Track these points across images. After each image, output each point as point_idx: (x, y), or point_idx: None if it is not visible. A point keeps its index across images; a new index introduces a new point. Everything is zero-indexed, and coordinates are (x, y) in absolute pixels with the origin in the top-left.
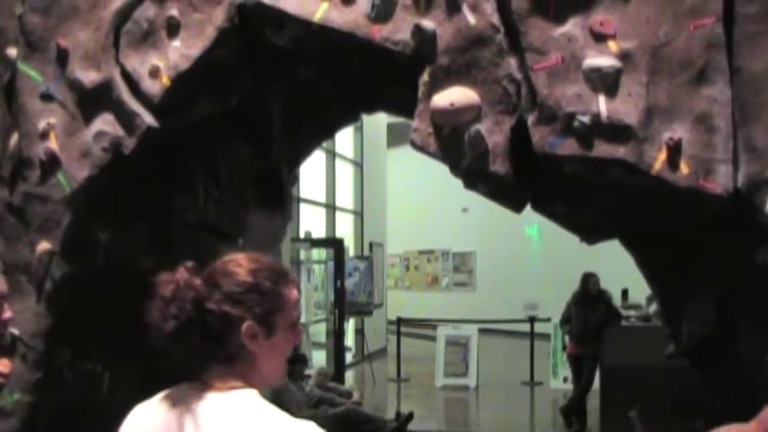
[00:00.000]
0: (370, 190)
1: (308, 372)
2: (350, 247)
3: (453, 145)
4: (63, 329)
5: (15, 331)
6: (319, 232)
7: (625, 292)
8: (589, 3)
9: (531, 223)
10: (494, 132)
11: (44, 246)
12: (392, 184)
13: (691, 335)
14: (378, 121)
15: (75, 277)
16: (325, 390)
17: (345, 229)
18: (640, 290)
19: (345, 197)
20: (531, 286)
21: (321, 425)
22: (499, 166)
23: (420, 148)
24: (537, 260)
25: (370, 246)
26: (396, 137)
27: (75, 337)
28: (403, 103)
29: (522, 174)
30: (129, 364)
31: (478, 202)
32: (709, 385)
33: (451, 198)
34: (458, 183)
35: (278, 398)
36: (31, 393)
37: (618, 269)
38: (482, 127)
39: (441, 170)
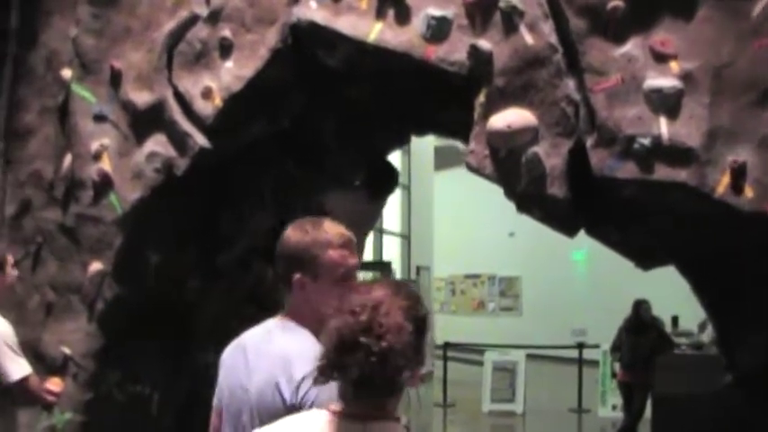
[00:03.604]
0: (417, 213)
1: None
2: (396, 271)
3: (510, 168)
4: (113, 350)
5: (67, 351)
6: (366, 255)
7: (675, 319)
8: (649, 22)
9: (579, 248)
10: (551, 155)
11: (96, 266)
12: (439, 207)
13: (748, 364)
14: (425, 144)
15: (126, 298)
16: None
17: (392, 252)
18: (691, 317)
19: (393, 220)
20: (577, 312)
21: None
22: (556, 190)
23: (476, 170)
24: (584, 286)
25: (417, 269)
26: (443, 160)
27: (125, 358)
28: (454, 126)
29: (577, 198)
30: (177, 386)
31: (525, 227)
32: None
33: (498, 222)
34: (505, 207)
35: None
36: (81, 413)
37: (668, 295)
38: (539, 149)
39: (488, 194)
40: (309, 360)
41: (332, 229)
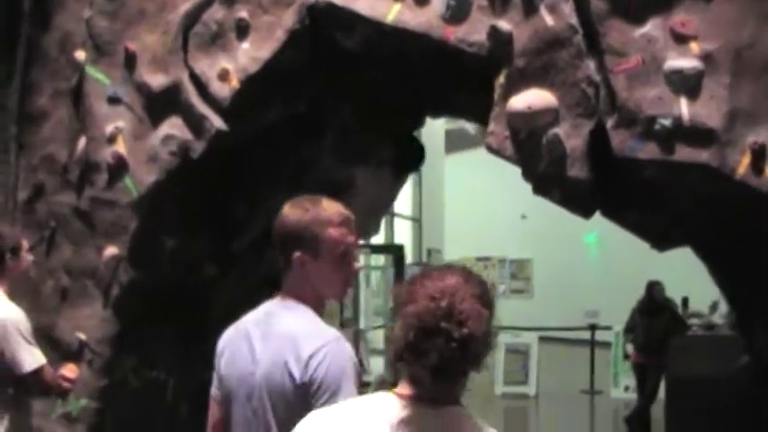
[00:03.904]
0: (428, 196)
1: (366, 379)
2: (407, 254)
3: (530, 149)
4: (129, 336)
5: (82, 336)
6: (377, 238)
7: (685, 301)
8: (669, 3)
9: (590, 231)
10: (572, 136)
11: (111, 251)
12: (450, 190)
13: (766, 347)
14: (436, 127)
15: (142, 283)
16: None
17: (404, 235)
18: (701, 298)
19: (404, 203)
20: (589, 294)
21: None
22: (577, 171)
23: (496, 151)
24: (595, 268)
25: (428, 252)
26: (453, 143)
27: (141, 343)
28: (471, 108)
29: (596, 179)
30: (192, 372)
31: (537, 210)
32: None
33: (510, 205)
34: (516, 189)
35: None
36: (97, 400)
37: (678, 277)
38: (560, 130)
39: (499, 177)
40: (315, 337)
41: (331, 207)
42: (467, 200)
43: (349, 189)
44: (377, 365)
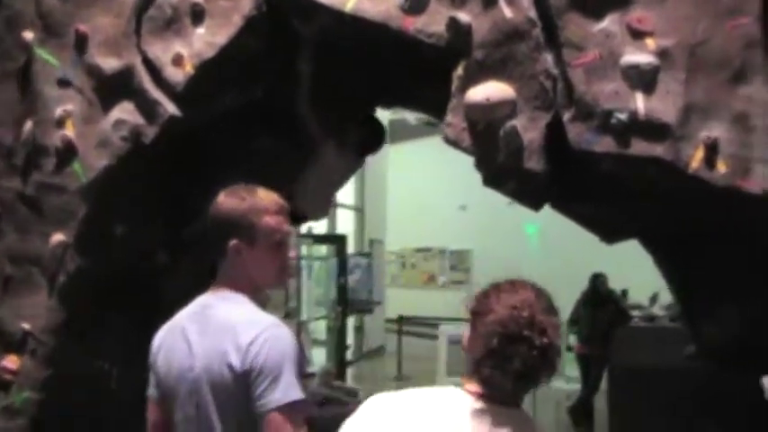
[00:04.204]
0: (370, 186)
1: (311, 370)
2: (350, 244)
3: (487, 141)
4: (75, 325)
5: (26, 326)
6: (320, 228)
7: (625, 292)
8: None
9: (531, 222)
10: (529, 129)
11: (58, 238)
12: (392, 180)
13: (714, 337)
14: (379, 117)
15: (89, 271)
16: (330, 389)
17: (346, 225)
18: (641, 290)
19: (346, 193)
20: None
21: (329, 425)
22: (534, 164)
23: (453, 143)
24: (536, 259)
25: (370, 242)
26: (396, 133)
27: (88, 333)
28: (427, 99)
29: (552, 172)
30: (141, 362)
31: (477, 200)
32: (735, 387)
33: (450, 196)
34: (457, 180)
35: None
36: (40, 391)
37: (618, 269)
38: (517, 123)
39: (440, 167)
40: (254, 324)
41: (268, 196)
42: (408, 190)
43: (301, 177)
44: (319, 356)
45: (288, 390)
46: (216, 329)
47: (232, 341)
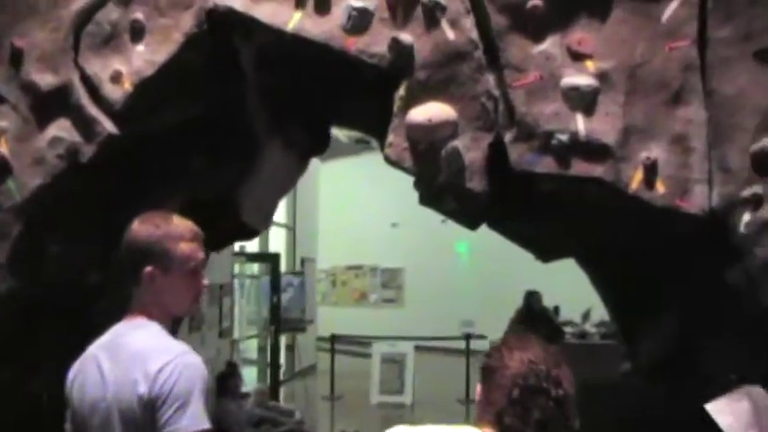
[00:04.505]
0: (302, 204)
1: (245, 390)
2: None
3: (429, 161)
4: (5, 347)
5: None
6: (252, 246)
7: (556, 309)
8: (567, 21)
9: (461, 240)
10: (471, 149)
11: None
12: (323, 198)
13: (651, 353)
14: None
15: (21, 292)
16: (265, 409)
17: (278, 243)
18: (572, 306)
19: (278, 211)
20: (462, 303)
21: None
22: (475, 184)
23: (395, 163)
24: (467, 277)
25: (302, 261)
26: (328, 150)
27: (18, 354)
28: (366, 118)
29: (492, 191)
30: None
31: (408, 218)
32: (669, 403)
33: (382, 213)
34: (388, 198)
35: (218, 418)
36: None
37: (550, 286)
38: (459, 143)
39: (371, 185)
40: (164, 352)
41: (182, 224)
42: (340, 208)
43: (237, 197)
44: (250, 376)
45: (194, 419)
46: (126, 358)
47: (141, 369)
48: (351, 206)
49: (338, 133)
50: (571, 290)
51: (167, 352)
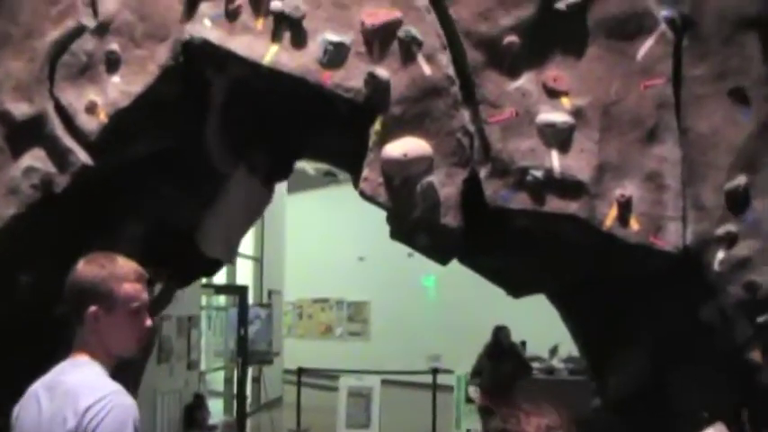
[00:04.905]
0: (269, 236)
1: (212, 422)
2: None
3: (404, 196)
4: None
5: None
6: (220, 278)
7: (523, 344)
8: (542, 58)
9: (428, 274)
10: (446, 184)
11: None
12: (290, 230)
13: (620, 389)
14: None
15: None
16: None
17: (244, 275)
18: (539, 342)
19: (245, 243)
20: (427, 337)
21: None
22: (450, 219)
23: (369, 198)
24: (433, 311)
25: (269, 293)
26: (294, 183)
27: None
28: (340, 152)
29: (467, 227)
30: None
31: (375, 252)
32: None
33: (348, 246)
34: (355, 231)
35: None
36: None
37: (515, 321)
38: (434, 179)
39: (338, 218)
40: (95, 390)
41: (127, 264)
42: (306, 241)
43: (208, 221)
44: (216, 408)
45: None
46: (60, 395)
47: (72, 406)
48: (317, 239)
49: (306, 166)
50: (537, 325)
51: (100, 390)
